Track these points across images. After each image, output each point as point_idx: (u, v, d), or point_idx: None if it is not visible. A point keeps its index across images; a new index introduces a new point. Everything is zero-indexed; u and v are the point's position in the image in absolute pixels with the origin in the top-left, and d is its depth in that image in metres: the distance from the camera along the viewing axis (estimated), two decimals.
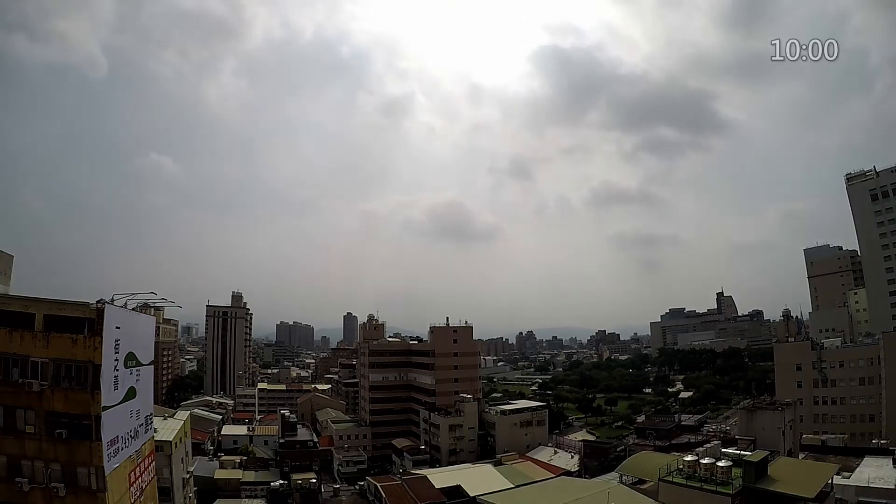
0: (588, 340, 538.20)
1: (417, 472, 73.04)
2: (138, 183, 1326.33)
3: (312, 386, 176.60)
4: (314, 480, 74.02)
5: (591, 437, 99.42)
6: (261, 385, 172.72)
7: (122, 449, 33.56)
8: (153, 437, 41.68)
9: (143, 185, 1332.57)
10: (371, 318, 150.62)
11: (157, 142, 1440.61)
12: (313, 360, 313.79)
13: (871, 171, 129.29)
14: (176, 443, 50.02)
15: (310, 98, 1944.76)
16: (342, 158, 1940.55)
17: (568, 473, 69.92)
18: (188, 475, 55.23)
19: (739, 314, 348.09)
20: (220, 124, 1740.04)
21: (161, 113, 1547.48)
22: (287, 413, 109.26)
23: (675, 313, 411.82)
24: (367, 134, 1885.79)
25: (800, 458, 57.50)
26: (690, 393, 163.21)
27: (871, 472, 51.51)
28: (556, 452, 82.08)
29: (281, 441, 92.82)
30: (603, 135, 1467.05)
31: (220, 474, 72.53)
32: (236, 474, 73.70)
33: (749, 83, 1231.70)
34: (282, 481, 73.11)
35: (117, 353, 33.00)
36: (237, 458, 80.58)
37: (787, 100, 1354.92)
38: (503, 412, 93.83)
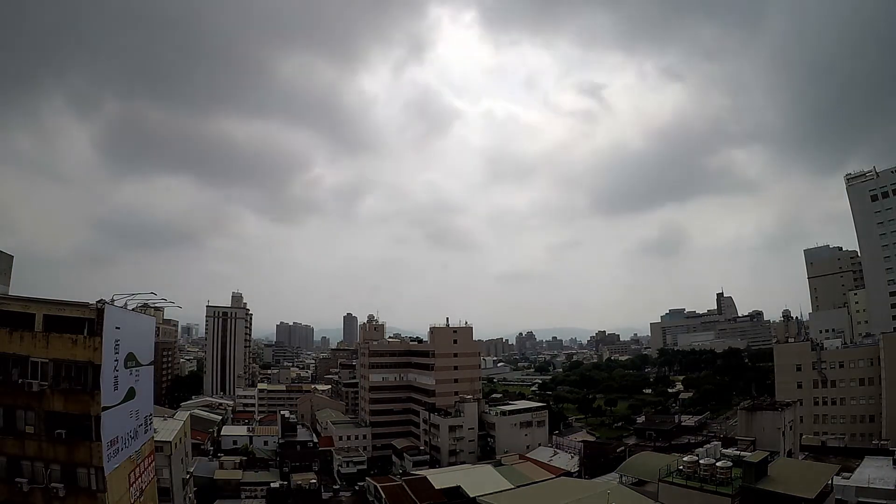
0: (588, 341, 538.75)
1: (417, 472, 73.18)
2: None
3: (312, 386, 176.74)
4: (314, 481, 74.07)
5: (591, 438, 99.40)
6: (261, 385, 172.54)
7: (122, 449, 33.49)
8: (153, 437, 41.60)
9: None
10: (371, 318, 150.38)
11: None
12: (313, 361, 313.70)
13: (871, 171, 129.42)
14: (176, 443, 50.00)
15: None
16: None
17: (568, 474, 69.95)
18: (188, 475, 55.19)
19: (739, 315, 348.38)
20: None
21: None
22: (287, 413, 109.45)
23: (675, 314, 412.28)
24: None
25: (800, 458, 57.51)
26: (690, 393, 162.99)
27: (871, 472, 51.66)
28: (555, 453, 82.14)
29: (281, 441, 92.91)
30: None
31: (220, 474, 72.61)
32: (236, 475, 73.74)
33: None
34: (281, 482, 73.16)
35: (117, 353, 32.92)
36: (237, 459, 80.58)
37: None
38: (503, 413, 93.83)
